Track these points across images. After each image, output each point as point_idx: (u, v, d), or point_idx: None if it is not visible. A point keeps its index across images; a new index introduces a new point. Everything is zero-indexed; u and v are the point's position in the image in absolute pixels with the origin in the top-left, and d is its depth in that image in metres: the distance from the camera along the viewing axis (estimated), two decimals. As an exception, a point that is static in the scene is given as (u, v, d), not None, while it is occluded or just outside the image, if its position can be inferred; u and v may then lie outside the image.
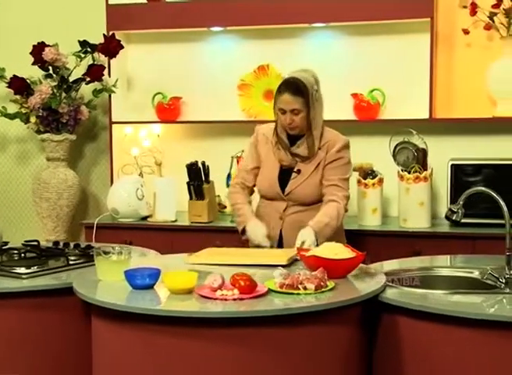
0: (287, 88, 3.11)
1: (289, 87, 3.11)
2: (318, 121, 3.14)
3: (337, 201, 3.10)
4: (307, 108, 3.08)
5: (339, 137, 3.22)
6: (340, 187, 3.15)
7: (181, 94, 4.45)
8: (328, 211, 3.07)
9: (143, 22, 4.32)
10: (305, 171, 3.16)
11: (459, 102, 4.12)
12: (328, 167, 3.16)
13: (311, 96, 3.08)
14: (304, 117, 3.09)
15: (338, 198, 3.12)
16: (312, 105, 3.08)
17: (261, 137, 3.30)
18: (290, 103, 3.09)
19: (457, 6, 4.08)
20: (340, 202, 3.10)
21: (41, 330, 2.64)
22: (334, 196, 3.13)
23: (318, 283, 2.33)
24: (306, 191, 3.15)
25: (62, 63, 4.10)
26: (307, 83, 3.10)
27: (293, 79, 3.13)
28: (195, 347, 2.23)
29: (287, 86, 3.12)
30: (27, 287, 2.61)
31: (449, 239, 3.73)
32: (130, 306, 2.25)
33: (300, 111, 3.08)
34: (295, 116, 3.09)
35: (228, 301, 2.25)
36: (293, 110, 3.09)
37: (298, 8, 4.12)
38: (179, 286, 2.33)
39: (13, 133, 4.75)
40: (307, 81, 3.11)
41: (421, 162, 3.82)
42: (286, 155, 3.18)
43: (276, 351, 2.23)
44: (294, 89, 3.09)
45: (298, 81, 3.10)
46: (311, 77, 3.15)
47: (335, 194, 3.13)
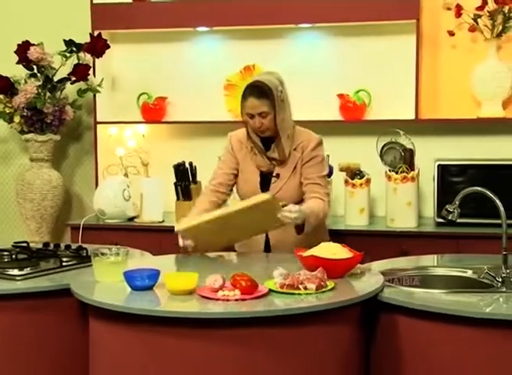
0: (252, 92, 3.09)
1: (253, 91, 3.09)
2: (288, 122, 3.14)
3: (320, 198, 3.10)
4: (274, 109, 3.07)
5: (312, 136, 3.22)
6: (320, 184, 3.15)
7: (166, 95, 4.43)
8: (313, 203, 3.07)
9: (128, 21, 4.30)
10: (284, 175, 3.17)
11: (444, 103, 4.16)
12: (306, 166, 3.16)
13: (277, 97, 3.07)
14: (273, 119, 3.08)
15: (320, 195, 3.12)
16: (278, 106, 3.08)
17: (235, 144, 3.27)
18: (257, 107, 3.07)
19: (442, 8, 4.12)
20: (324, 199, 3.11)
21: (36, 332, 2.61)
22: (316, 193, 3.12)
23: (319, 283, 2.34)
24: (287, 194, 3.15)
25: (48, 62, 4.07)
26: (271, 85, 3.09)
27: (256, 82, 3.13)
28: (197, 348, 2.23)
29: (251, 90, 3.11)
30: (22, 289, 2.58)
31: (435, 239, 3.76)
32: (132, 307, 2.24)
33: (268, 113, 3.07)
34: (263, 119, 3.08)
35: (230, 301, 2.25)
36: (260, 113, 3.07)
37: (284, 8, 4.13)
38: (180, 287, 2.32)
39: (-6, 133, 4.70)
40: (271, 83, 3.10)
41: (408, 163, 3.85)
42: (263, 159, 3.17)
43: (278, 351, 2.24)
44: (259, 92, 3.07)
45: (262, 84, 3.09)
46: (275, 79, 3.13)
47: (316, 192, 3.13)
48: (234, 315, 2.17)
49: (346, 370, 2.37)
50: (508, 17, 3.94)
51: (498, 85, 3.96)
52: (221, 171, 3.28)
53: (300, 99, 4.21)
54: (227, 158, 3.29)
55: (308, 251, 2.59)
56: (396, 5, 3.99)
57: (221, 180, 3.26)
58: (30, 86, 4.04)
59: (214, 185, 3.26)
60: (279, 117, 3.08)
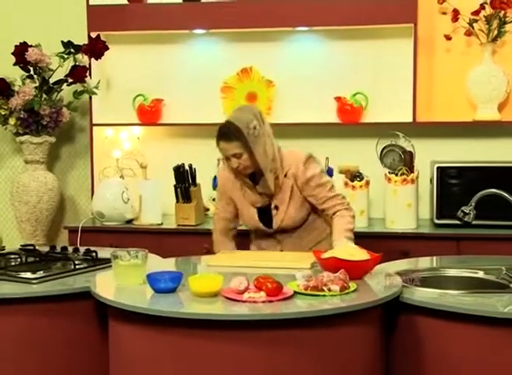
0: (221, 136, 3.08)
1: (221, 136, 3.07)
2: (268, 155, 3.07)
3: (341, 207, 3.16)
4: (247, 148, 3.03)
5: (299, 157, 3.15)
6: (334, 196, 3.18)
7: (163, 97, 4.42)
8: (341, 220, 3.13)
9: (124, 23, 4.28)
10: (282, 204, 3.16)
11: (439, 106, 4.21)
12: (308, 190, 3.14)
13: (248, 136, 3.01)
14: (248, 158, 3.04)
15: (340, 205, 3.17)
16: (252, 143, 3.01)
17: (225, 182, 3.26)
18: (228, 149, 3.06)
19: (438, 12, 4.17)
20: (344, 205, 3.17)
21: (53, 335, 2.60)
22: (336, 206, 3.17)
23: (342, 284, 2.36)
24: (291, 222, 3.17)
25: (46, 64, 4.03)
26: (241, 124, 3.03)
27: (223, 125, 3.10)
28: (223, 350, 2.23)
29: (219, 135, 3.09)
30: (41, 293, 2.56)
31: (435, 240, 3.81)
32: (160, 310, 2.24)
33: (241, 153, 3.04)
34: (239, 160, 3.06)
35: (257, 303, 2.26)
36: (234, 155, 3.06)
37: (282, 11, 4.15)
38: (205, 289, 2.32)
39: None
40: (241, 122, 3.04)
41: (408, 165, 3.89)
42: (255, 195, 3.16)
43: (304, 352, 2.25)
44: (227, 135, 3.04)
45: (229, 125, 3.06)
46: (247, 115, 3.07)
47: (335, 204, 3.17)
48: (266, 316, 2.18)
49: (370, 370, 2.39)
50: (504, 22, 4.00)
51: (494, 89, 4.02)
52: (224, 212, 3.32)
53: (297, 102, 4.31)
54: (221, 196, 3.32)
55: (328, 253, 2.61)
56: (393, 9, 4.03)
57: (224, 214, 3.32)
58: (28, 87, 4.00)
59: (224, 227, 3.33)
60: (257, 154, 3.03)
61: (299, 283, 2.41)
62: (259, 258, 2.93)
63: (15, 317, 2.57)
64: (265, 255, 3.02)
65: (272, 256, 3.01)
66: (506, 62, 4.08)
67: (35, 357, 2.59)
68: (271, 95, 4.32)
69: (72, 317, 2.61)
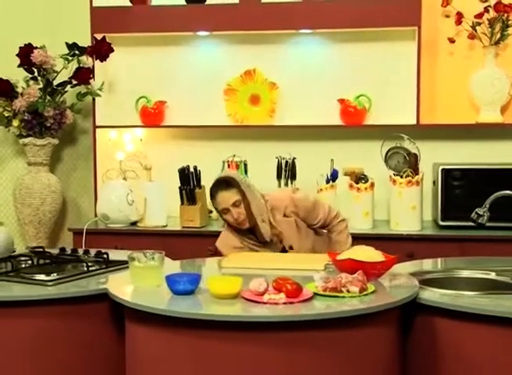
0: (219, 187, 3.14)
1: (219, 185, 3.14)
2: (260, 207, 3.13)
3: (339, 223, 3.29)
4: (244, 196, 3.09)
5: (287, 195, 3.25)
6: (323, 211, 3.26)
7: (166, 99, 4.42)
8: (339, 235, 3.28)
9: (128, 25, 4.28)
10: (294, 243, 3.19)
11: (442, 109, 4.24)
12: (305, 220, 3.23)
13: (242, 184, 3.11)
14: (247, 206, 3.09)
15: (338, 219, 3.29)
16: (247, 192, 3.10)
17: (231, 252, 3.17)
18: (228, 197, 3.10)
19: (441, 15, 4.20)
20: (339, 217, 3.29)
21: (69, 337, 2.60)
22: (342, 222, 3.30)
23: (361, 286, 2.37)
24: (308, 250, 3.22)
25: (51, 66, 4.01)
26: (233, 175, 3.19)
27: (217, 180, 3.18)
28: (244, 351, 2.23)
29: (217, 185, 3.15)
30: (58, 295, 2.56)
31: (440, 242, 3.83)
32: (182, 312, 2.24)
33: (240, 201, 3.10)
34: (239, 208, 3.09)
35: (279, 305, 2.26)
36: (234, 203, 3.09)
37: (286, 14, 4.17)
38: (225, 291, 2.32)
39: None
40: (232, 174, 3.26)
41: (413, 167, 3.91)
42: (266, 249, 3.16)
43: (325, 353, 2.25)
44: (225, 184, 3.12)
45: (224, 176, 3.18)
46: (232, 172, 3.36)
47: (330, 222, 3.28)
48: (287, 318, 2.19)
49: (388, 371, 2.40)
50: (506, 25, 4.04)
51: (496, 91, 4.06)
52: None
53: (301, 104, 4.33)
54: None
55: (343, 254, 2.62)
56: (397, 12, 4.06)
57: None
58: (33, 89, 3.99)
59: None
60: (253, 204, 3.08)
61: (317, 284, 2.42)
62: (272, 260, 2.94)
63: (30, 319, 2.56)
64: (278, 257, 3.02)
65: (285, 258, 3.02)
66: (508, 65, 4.12)
67: (51, 359, 2.58)
68: (274, 97, 4.33)
69: (87, 319, 2.61)
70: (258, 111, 4.34)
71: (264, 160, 4.21)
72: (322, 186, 4.00)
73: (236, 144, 4.30)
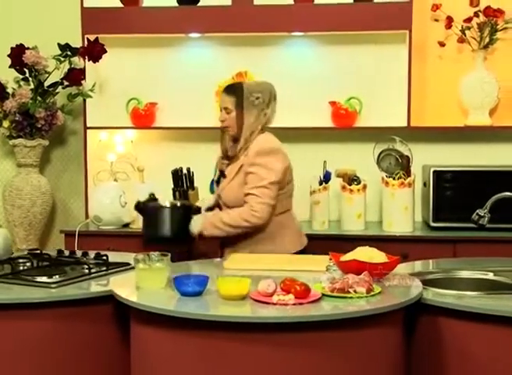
0: (225, 88, 3.29)
1: (226, 87, 3.28)
2: (252, 126, 3.19)
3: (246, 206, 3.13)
4: (238, 108, 3.16)
5: (261, 144, 3.19)
6: (255, 195, 3.12)
7: (157, 100, 4.41)
8: (231, 212, 3.18)
9: (119, 26, 4.26)
10: (229, 174, 3.25)
11: (431, 112, 4.29)
12: (247, 177, 3.16)
13: (246, 99, 3.16)
14: (235, 118, 3.17)
15: (248, 205, 3.13)
16: (246, 108, 3.15)
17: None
18: (223, 101, 3.23)
19: (430, 19, 4.25)
20: (252, 208, 3.11)
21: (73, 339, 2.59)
22: (246, 204, 3.14)
23: (368, 286, 2.39)
24: (229, 194, 3.23)
25: (43, 66, 3.99)
26: (247, 87, 3.20)
27: (235, 82, 3.34)
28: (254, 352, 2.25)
29: (226, 86, 3.31)
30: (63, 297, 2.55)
31: (432, 243, 3.87)
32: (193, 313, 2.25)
33: (231, 110, 3.18)
34: (227, 115, 3.20)
35: (288, 306, 2.28)
36: (225, 108, 3.21)
37: (277, 16, 4.18)
38: (234, 292, 2.34)
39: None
40: (248, 86, 3.21)
41: (405, 169, 3.95)
42: (221, 157, 3.29)
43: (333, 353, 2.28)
44: (228, 89, 3.24)
45: (236, 83, 3.27)
46: (259, 87, 3.22)
47: (247, 202, 3.14)
48: (299, 319, 2.20)
49: (395, 371, 2.43)
50: (495, 29, 4.10)
51: (486, 95, 4.11)
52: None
53: (292, 106, 4.33)
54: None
55: (347, 256, 2.65)
56: (388, 16, 4.09)
57: None
58: (25, 90, 3.97)
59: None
60: (245, 119, 3.17)
61: (324, 285, 2.44)
62: (274, 261, 2.95)
63: (34, 321, 2.54)
64: (280, 258, 3.04)
65: (287, 259, 3.04)
66: (497, 69, 4.17)
67: (55, 361, 2.57)
68: (265, 99, 4.33)
69: (91, 321, 2.61)
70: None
71: (257, 162, 4.21)
72: (315, 187, 4.02)
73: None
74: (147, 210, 3.23)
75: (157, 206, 3.19)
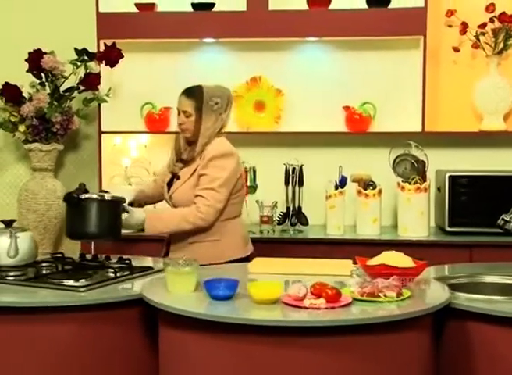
0: (184, 90, 3.28)
1: (185, 90, 3.28)
2: (209, 130, 3.20)
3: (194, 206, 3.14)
4: (198, 113, 3.18)
5: (217, 148, 3.21)
6: (203, 197, 3.13)
7: (171, 105, 4.41)
8: (176, 210, 3.21)
9: (134, 31, 4.28)
10: (183, 177, 3.25)
11: (445, 117, 4.31)
12: (200, 178, 3.18)
13: (205, 104, 3.18)
14: (193, 122, 3.19)
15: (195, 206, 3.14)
16: (206, 112, 3.17)
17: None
18: (182, 104, 3.23)
19: (443, 25, 4.28)
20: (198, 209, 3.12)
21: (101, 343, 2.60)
22: (196, 202, 3.14)
23: (398, 291, 2.40)
24: (181, 196, 3.23)
25: (60, 71, 4.00)
26: (207, 91, 3.21)
27: (195, 85, 3.30)
28: (286, 356, 2.26)
29: (185, 89, 3.29)
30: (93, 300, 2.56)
31: (449, 247, 3.89)
32: (227, 316, 2.26)
33: (191, 114, 3.19)
34: (186, 119, 3.20)
35: (320, 310, 2.29)
36: (184, 112, 3.21)
37: (292, 22, 4.20)
38: (266, 296, 2.34)
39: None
40: (208, 90, 3.22)
41: (421, 174, 3.97)
42: (173, 160, 3.31)
43: (366, 357, 2.28)
44: (188, 92, 3.25)
45: (196, 87, 3.26)
46: (218, 92, 3.25)
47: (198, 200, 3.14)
48: (333, 323, 2.21)
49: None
50: (510, 35, 4.12)
51: (500, 100, 4.14)
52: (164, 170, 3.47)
53: (306, 111, 4.37)
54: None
55: (373, 260, 2.66)
56: (403, 21, 4.12)
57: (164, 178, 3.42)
58: (43, 95, 3.97)
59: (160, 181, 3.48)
60: (203, 123, 3.18)
61: (353, 289, 2.45)
62: (298, 266, 2.97)
63: (63, 325, 2.55)
64: (304, 263, 3.05)
65: (310, 264, 3.05)
66: (510, 74, 4.21)
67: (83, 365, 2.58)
68: (280, 104, 4.36)
69: (120, 325, 2.61)
70: (264, 117, 4.37)
71: (272, 167, 4.23)
72: (331, 192, 4.03)
73: (243, 151, 4.30)
74: (73, 203, 2.98)
75: (86, 199, 2.98)
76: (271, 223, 4.08)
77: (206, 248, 3.21)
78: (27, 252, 2.89)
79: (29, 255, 2.90)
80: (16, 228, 2.96)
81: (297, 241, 4.03)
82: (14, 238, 2.84)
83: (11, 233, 2.86)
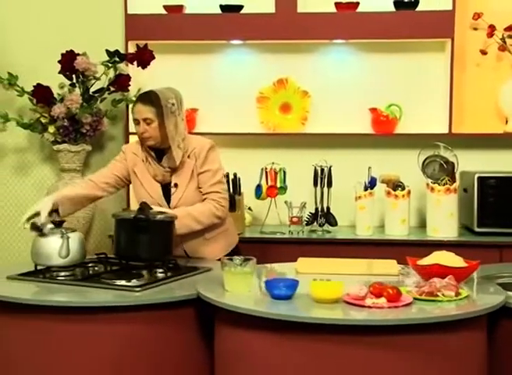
0: (139, 98, 3.25)
1: (141, 98, 3.25)
2: (178, 133, 3.20)
3: (211, 199, 3.21)
4: (160, 118, 3.16)
5: (204, 143, 3.28)
6: (217, 191, 3.24)
7: (198, 106, 4.45)
8: (199, 205, 3.21)
9: (162, 32, 4.30)
10: (181, 183, 3.24)
11: (470, 118, 4.36)
12: (202, 175, 3.24)
13: (164, 107, 3.17)
14: (157, 128, 3.16)
15: (214, 195, 3.22)
16: (166, 116, 3.16)
17: (130, 156, 3.32)
18: (141, 112, 3.18)
19: (469, 28, 4.32)
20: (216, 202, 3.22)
21: (156, 342, 2.62)
22: (210, 194, 3.23)
23: (456, 290, 2.44)
24: (189, 202, 3.23)
25: (92, 72, 4.01)
26: (162, 95, 3.19)
27: (146, 91, 3.28)
28: (350, 354, 2.30)
29: (140, 96, 3.27)
30: (152, 300, 2.58)
31: (478, 248, 3.92)
32: (295, 316, 2.30)
33: (152, 121, 3.16)
34: (147, 126, 3.16)
35: (384, 309, 2.32)
36: (145, 119, 3.17)
37: (319, 24, 4.23)
38: (329, 295, 2.38)
39: (10, 143, 4.58)
40: (162, 94, 3.20)
41: (450, 174, 4.02)
42: (158, 168, 3.25)
43: (428, 356, 2.32)
44: (145, 99, 3.20)
45: (150, 92, 3.23)
46: (169, 92, 3.24)
47: (211, 191, 3.23)
48: (402, 322, 2.25)
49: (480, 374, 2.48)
50: (536, 38, 4.18)
51: (526, 102, 4.20)
52: (110, 172, 3.34)
53: (333, 113, 4.41)
54: (118, 166, 3.35)
55: (424, 260, 2.70)
56: (430, 24, 4.16)
57: (108, 180, 3.33)
58: (76, 96, 3.98)
59: (99, 182, 3.31)
60: (167, 126, 3.16)
61: (410, 288, 2.49)
62: (345, 266, 3.00)
63: (122, 325, 2.58)
64: (349, 263, 3.09)
65: (356, 263, 3.08)
66: (536, 77, 4.27)
67: (139, 365, 2.60)
68: (306, 106, 4.39)
69: (176, 324, 2.64)
70: (290, 119, 4.40)
71: (300, 168, 4.26)
72: (361, 193, 4.07)
73: (272, 152, 4.35)
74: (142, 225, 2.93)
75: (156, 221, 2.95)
76: (300, 224, 4.11)
77: (221, 239, 3.32)
78: (78, 253, 2.90)
79: (79, 255, 2.91)
80: (66, 228, 2.96)
81: (326, 242, 4.06)
82: (66, 239, 2.85)
83: (62, 234, 2.87)
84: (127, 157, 3.34)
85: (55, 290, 2.74)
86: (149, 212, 2.97)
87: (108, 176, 3.34)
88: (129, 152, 3.34)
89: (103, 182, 3.32)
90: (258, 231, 4.15)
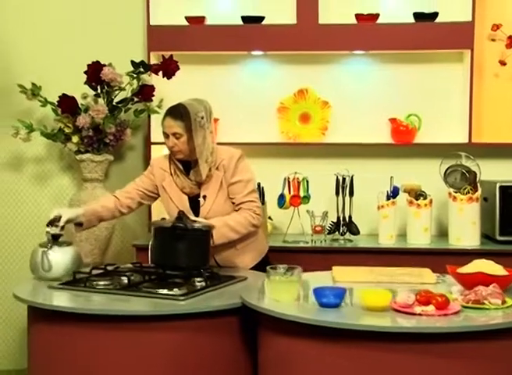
0: (169, 113, 3.23)
1: (170, 112, 3.23)
2: (206, 147, 3.21)
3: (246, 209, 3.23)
4: (188, 132, 3.16)
5: (233, 153, 3.29)
6: (252, 201, 3.25)
7: (219, 116, 4.47)
8: (235, 215, 3.23)
9: (183, 43, 4.33)
10: (210, 195, 3.26)
11: (488, 128, 4.41)
12: (234, 186, 3.25)
13: (194, 121, 3.17)
14: (186, 142, 3.17)
15: (250, 210, 3.24)
16: (195, 130, 3.17)
17: (158, 172, 3.36)
18: (171, 127, 3.19)
19: (486, 38, 4.38)
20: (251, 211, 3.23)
21: (200, 351, 2.65)
22: (244, 204, 3.24)
23: (503, 298, 2.47)
24: (218, 213, 3.24)
25: (118, 83, 4.04)
26: (191, 109, 3.18)
27: (176, 104, 3.26)
28: (398, 361, 2.33)
29: (169, 110, 3.24)
30: (199, 309, 2.61)
31: (501, 256, 3.93)
32: (345, 323, 2.34)
33: (182, 135, 3.16)
34: (177, 140, 3.17)
35: (434, 317, 2.35)
36: (174, 134, 3.18)
37: (340, 35, 4.28)
38: (377, 303, 2.41)
39: (30, 153, 4.59)
40: (191, 107, 3.20)
41: (472, 184, 4.06)
42: (186, 180, 3.27)
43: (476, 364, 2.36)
44: (175, 113, 3.19)
45: (180, 106, 3.22)
46: (199, 105, 3.25)
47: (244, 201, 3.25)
48: (456, 329, 2.29)
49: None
50: (552, 49, 4.25)
51: (544, 112, 4.26)
52: (136, 188, 3.41)
53: (352, 123, 4.45)
54: (145, 181, 3.40)
55: (465, 268, 2.73)
56: (450, 35, 4.22)
57: (133, 196, 3.39)
58: (102, 106, 4.00)
59: (123, 198, 3.39)
60: (196, 141, 3.16)
61: (455, 296, 2.52)
62: (381, 275, 3.03)
63: (167, 334, 2.61)
64: (384, 271, 3.11)
65: (391, 272, 3.11)
66: (553, 88, 4.33)
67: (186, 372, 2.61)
68: (326, 116, 4.43)
69: (220, 332, 2.67)
70: (309, 128, 4.44)
71: (321, 177, 4.29)
72: (383, 202, 4.10)
73: (292, 161, 4.38)
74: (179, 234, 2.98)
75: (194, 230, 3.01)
76: (322, 233, 4.13)
77: (252, 248, 3.35)
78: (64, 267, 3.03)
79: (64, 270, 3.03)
80: (62, 242, 3.09)
81: (348, 250, 4.09)
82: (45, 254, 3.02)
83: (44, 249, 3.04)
84: (155, 172, 3.36)
85: (98, 298, 2.75)
86: (187, 220, 2.98)
87: (134, 192, 3.39)
88: (157, 167, 3.36)
89: (128, 197, 3.38)
90: (281, 240, 4.18)
